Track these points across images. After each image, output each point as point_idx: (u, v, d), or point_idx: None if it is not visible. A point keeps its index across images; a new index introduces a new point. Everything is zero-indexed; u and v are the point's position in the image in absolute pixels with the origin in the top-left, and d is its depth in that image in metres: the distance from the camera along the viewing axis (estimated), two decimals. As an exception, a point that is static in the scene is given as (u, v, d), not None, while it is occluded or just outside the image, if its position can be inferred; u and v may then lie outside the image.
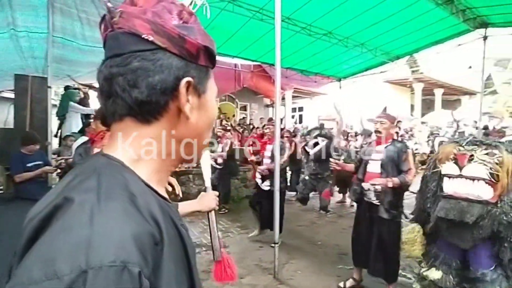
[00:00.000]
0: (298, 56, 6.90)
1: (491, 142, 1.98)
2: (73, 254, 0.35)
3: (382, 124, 2.76)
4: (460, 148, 1.97)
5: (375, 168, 2.73)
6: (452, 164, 1.96)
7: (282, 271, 3.33)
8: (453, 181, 1.95)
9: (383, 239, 2.68)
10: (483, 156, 1.89)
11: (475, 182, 1.88)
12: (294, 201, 6.75)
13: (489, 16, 5.97)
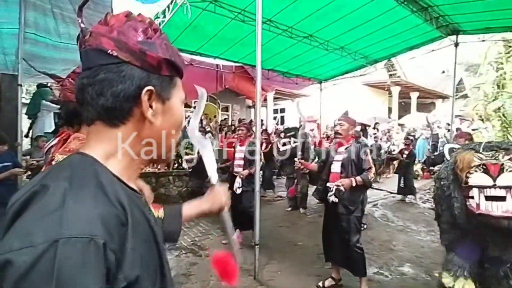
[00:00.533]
0: (279, 58, 6.96)
1: (508, 147, 1.95)
2: (46, 228, 0.42)
3: (341, 126, 2.91)
4: (482, 156, 1.91)
5: (338, 168, 2.85)
6: (482, 175, 1.86)
7: (262, 272, 3.34)
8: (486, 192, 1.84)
9: (345, 234, 2.80)
10: (509, 162, 1.84)
11: (509, 191, 1.81)
12: (274, 201, 6.82)
13: (460, 24, 6.27)
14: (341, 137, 2.94)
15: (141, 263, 0.50)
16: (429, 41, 6.88)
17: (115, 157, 0.57)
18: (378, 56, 7.58)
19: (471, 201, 1.92)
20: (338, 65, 7.64)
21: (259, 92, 3.16)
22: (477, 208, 1.85)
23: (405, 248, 4.23)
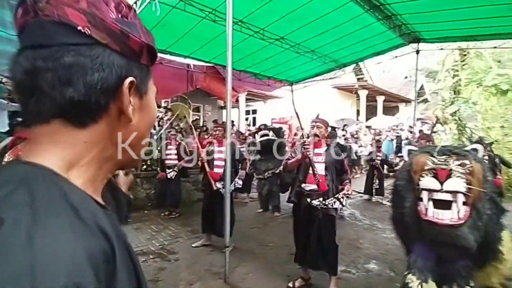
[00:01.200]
0: (251, 59, 6.96)
1: (460, 152, 2.03)
2: (14, 284, 0.29)
3: (318, 128, 2.96)
4: (435, 160, 1.98)
5: (322, 170, 2.89)
6: (431, 179, 1.95)
7: (233, 275, 3.31)
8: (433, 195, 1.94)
9: (321, 234, 2.86)
10: (458, 168, 1.93)
11: (457, 196, 1.90)
12: (246, 203, 6.80)
13: (421, 32, 6.65)
14: (318, 138, 2.99)
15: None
16: (393, 47, 7.22)
17: (79, 166, 0.44)
18: (347, 60, 7.82)
19: (421, 204, 2.01)
20: (308, 68, 7.79)
21: (229, 93, 3.13)
22: (425, 214, 1.95)
23: (371, 245, 4.39)
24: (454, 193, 1.89)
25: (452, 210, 1.89)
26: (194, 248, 4.03)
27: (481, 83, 8.75)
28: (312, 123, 3.04)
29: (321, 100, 14.37)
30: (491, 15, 5.03)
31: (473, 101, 9.61)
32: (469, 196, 1.90)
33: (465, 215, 1.91)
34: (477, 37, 6.31)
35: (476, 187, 1.90)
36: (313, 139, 3.01)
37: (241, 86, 8.77)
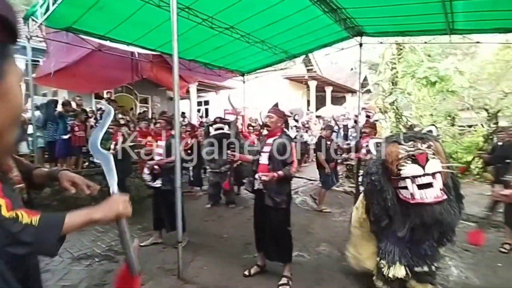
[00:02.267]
0: (201, 49, 6.74)
1: (422, 135, 2.17)
2: None
3: (270, 118, 2.95)
4: (405, 148, 2.08)
5: (265, 159, 2.93)
6: (413, 165, 2.03)
7: (187, 270, 3.24)
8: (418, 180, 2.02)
9: (273, 225, 2.90)
10: (428, 150, 2.05)
11: (436, 176, 2.02)
12: (199, 197, 6.69)
13: (363, 26, 7.02)
14: (270, 129, 2.98)
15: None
16: (339, 40, 7.53)
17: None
18: (296, 52, 7.99)
19: (403, 192, 2.10)
20: (259, 58, 7.80)
21: (176, 83, 2.98)
22: (412, 198, 2.05)
23: (322, 229, 4.63)
24: (434, 174, 2.01)
25: (434, 188, 2.01)
26: (144, 247, 3.85)
27: (414, 75, 9.61)
28: (266, 113, 3.04)
29: (273, 90, 14.59)
30: (421, 12, 5.49)
31: (408, 92, 10.54)
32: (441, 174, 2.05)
33: (442, 192, 2.06)
34: (410, 32, 6.85)
35: (445, 164, 2.07)
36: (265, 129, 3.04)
37: (192, 76, 8.49)
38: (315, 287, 2.96)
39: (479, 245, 1.82)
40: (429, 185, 2.02)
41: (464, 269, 3.31)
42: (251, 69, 8.79)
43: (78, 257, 3.55)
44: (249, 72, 9.01)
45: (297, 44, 7.36)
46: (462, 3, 4.92)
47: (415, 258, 2.31)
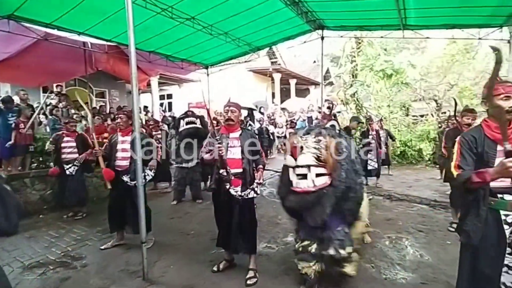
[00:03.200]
0: (161, 40, 6.44)
1: (319, 130, 2.41)
2: None
3: (233, 112, 2.91)
4: (297, 140, 2.32)
5: (238, 154, 2.88)
6: (290, 157, 2.31)
7: (152, 271, 3.12)
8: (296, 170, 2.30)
9: (241, 218, 2.89)
10: (313, 144, 2.29)
11: (310, 169, 2.26)
12: (163, 194, 6.50)
13: (324, 20, 7.18)
14: (233, 123, 2.93)
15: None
16: (301, 33, 7.63)
17: None
18: (260, 44, 7.96)
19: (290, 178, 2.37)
20: (223, 51, 7.67)
21: (134, 76, 2.80)
22: (291, 184, 2.34)
23: (289, 220, 4.69)
24: (307, 167, 2.25)
25: (308, 179, 2.27)
26: (105, 250, 3.65)
27: (372, 68, 10.08)
28: (226, 107, 2.97)
29: (238, 83, 14.50)
30: (377, 8, 5.73)
31: (367, 84, 11.06)
32: (325, 168, 2.28)
33: (323, 184, 2.28)
34: (368, 27, 7.14)
35: (329, 159, 2.28)
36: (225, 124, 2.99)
37: (152, 69, 8.11)
38: (284, 277, 3.01)
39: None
40: (304, 176, 2.28)
41: (418, 248, 3.57)
42: (215, 61, 8.63)
43: (30, 266, 3.27)
44: (213, 65, 8.84)
45: (260, 37, 7.34)
46: (413, 0, 5.20)
47: (325, 241, 2.49)
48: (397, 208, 5.19)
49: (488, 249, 1.81)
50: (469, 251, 1.93)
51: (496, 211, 1.80)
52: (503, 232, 1.78)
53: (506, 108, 1.76)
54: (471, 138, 1.89)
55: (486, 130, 1.86)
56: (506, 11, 5.13)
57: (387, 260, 3.27)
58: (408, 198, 5.70)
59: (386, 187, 6.80)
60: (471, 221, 1.85)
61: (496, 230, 1.79)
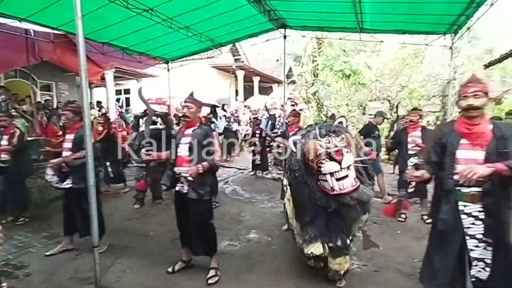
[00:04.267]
0: (117, 31, 6.06)
1: (335, 129, 2.38)
2: None
3: (189, 109, 2.82)
4: (322, 144, 2.29)
5: (185, 151, 2.79)
6: (331, 163, 2.24)
7: (106, 276, 2.93)
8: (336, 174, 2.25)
9: (197, 218, 2.81)
10: (341, 143, 2.28)
11: (350, 168, 2.28)
12: (122, 194, 6.17)
13: (286, 19, 7.28)
14: (189, 119, 2.83)
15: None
16: (264, 31, 7.66)
17: None
18: (223, 40, 7.85)
19: (325, 184, 2.33)
20: (184, 45, 7.44)
21: (83, 68, 2.58)
22: (332, 190, 2.29)
23: (252, 217, 4.72)
24: (348, 167, 2.27)
25: (349, 177, 2.28)
26: (52, 256, 3.35)
27: (332, 68, 10.45)
28: (183, 103, 2.88)
29: (200, 79, 14.21)
30: (337, 11, 5.93)
31: (327, 83, 11.45)
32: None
33: (356, 179, 2.33)
34: (328, 28, 7.38)
35: (355, 152, 2.36)
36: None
37: (107, 61, 7.60)
38: (246, 274, 3.00)
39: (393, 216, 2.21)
40: (345, 177, 2.28)
41: (373, 239, 3.77)
42: (176, 56, 8.34)
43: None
44: (174, 60, 8.55)
45: (223, 33, 7.23)
46: (369, 5, 5.47)
47: (332, 234, 2.54)
48: (354, 202, 5.44)
49: (448, 236, 1.99)
50: (437, 238, 2.09)
51: (455, 202, 1.96)
52: (461, 221, 1.94)
53: (464, 106, 1.94)
54: (438, 131, 2.14)
55: (456, 124, 2.03)
56: (449, 20, 5.61)
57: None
58: (364, 192, 5.99)
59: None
60: (444, 209, 1.99)
61: (455, 219, 1.95)
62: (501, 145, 1.85)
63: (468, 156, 1.91)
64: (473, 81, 1.96)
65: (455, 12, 5.21)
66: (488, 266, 1.89)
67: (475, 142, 1.90)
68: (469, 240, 1.92)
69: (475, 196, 1.89)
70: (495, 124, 1.95)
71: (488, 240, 1.89)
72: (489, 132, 1.89)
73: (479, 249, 1.91)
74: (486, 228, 1.88)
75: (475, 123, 1.91)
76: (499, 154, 1.83)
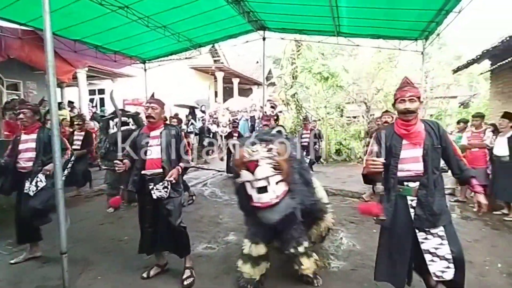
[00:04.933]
0: (90, 28, 5.84)
1: (267, 138, 2.32)
2: None
3: (154, 109, 2.75)
4: (248, 151, 2.21)
5: (157, 153, 2.72)
6: (246, 172, 2.19)
7: (75, 284, 2.79)
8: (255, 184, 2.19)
9: (169, 218, 2.74)
10: (266, 153, 2.21)
11: (269, 180, 2.19)
12: (94, 197, 5.94)
13: (266, 21, 7.33)
14: (154, 120, 2.76)
15: None
16: (243, 32, 7.67)
17: None
18: (202, 41, 7.79)
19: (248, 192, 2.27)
20: (161, 45, 7.30)
21: (51, 64, 2.45)
22: (251, 200, 2.25)
23: (230, 219, 4.67)
24: (266, 178, 2.19)
25: (269, 192, 2.19)
26: (18, 264, 3.15)
27: (311, 70, 10.62)
28: (146, 103, 2.81)
29: (179, 80, 13.98)
30: (315, 14, 6.04)
31: (306, 85, 11.63)
32: (281, 175, 2.25)
33: (283, 191, 2.26)
34: (307, 31, 7.50)
35: (283, 165, 2.25)
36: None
37: (79, 60, 7.32)
38: (224, 276, 2.95)
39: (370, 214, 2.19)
40: (264, 188, 2.21)
41: (350, 238, 3.84)
42: (153, 56, 8.18)
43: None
44: (151, 60, 8.38)
45: (202, 33, 7.17)
46: (345, 9, 5.61)
47: (281, 242, 2.58)
48: (332, 203, 5.45)
49: (399, 230, 2.10)
50: (386, 233, 2.21)
51: (404, 197, 2.09)
52: (410, 215, 2.06)
53: (401, 109, 2.05)
54: (381, 134, 2.18)
55: (396, 127, 2.14)
56: (420, 26, 5.86)
57: (322, 251, 3.44)
58: (342, 192, 6.11)
59: (323, 183, 7.20)
60: (384, 206, 2.11)
61: (405, 213, 2.08)
62: (435, 141, 2.04)
63: (410, 155, 2.05)
64: (408, 85, 2.08)
65: (426, 19, 5.45)
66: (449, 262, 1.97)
67: (414, 141, 2.05)
68: (418, 233, 2.05)
69: (416, 190, 2.03)
70: (425, 122, 2.12)
71: (433, 231, 2.01)
72: (423, 131, 2.05)
73: (428, 241, 2.02)
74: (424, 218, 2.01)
75: (411, 123, 2.06)
76: (434, 149, 2.02)
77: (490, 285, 2.75)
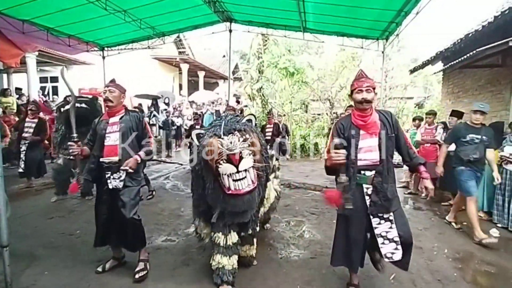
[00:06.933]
0: (40, 8, 5.34)
1: (241, 127, 2.23)
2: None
3: (111, 92, 2.62)
4: (223, 143, 2.11)
5: (115, 140, 2.59)
6: (228, 165, 2.10)
7: (19, 280, 2.56)
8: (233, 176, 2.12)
9: (122, 209, 2.59)
10: (243, 144, 2.15)
11: (249, 170, 2.16)
12: (44, 190, 5.52)
13: (233, 13, 7.24)
14: (112, 104, 2.62)
15: None
16: (209, 23, 7.52)
17: None
18: (165, 29, 7.51)
19: (222, 182, 2.21)
20: (121, 31, 6.92)
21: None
22: (228, 189, 2.19)
23: (191, 211, 4.57)
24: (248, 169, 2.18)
25: (247, 179, 2.19)
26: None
27: (277, 65, 10.71)
28: (104, 87, 2.67)
29: (141, 71, 13.39)
30: (282, 8, 6.08)
31: (272, 81, 11.72)
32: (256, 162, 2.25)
33: (255, 177, 2.27)
34: (273, 25, 7.54)
35: (258, 156, 2.26)
36: None
37: (28, 43, 6.68)
38: (183, 268, 2.89)
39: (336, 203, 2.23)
40: (243, 178, 2.19)
41: (311, 229, 3.94)
42: (112, 42, 7.73)
43: None
44: (110, 46, 7.92)
45: (165, 21, 6.92)
46: (311, 5, 5.71)
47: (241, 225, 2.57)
48: (295, 195, 5.64)
49: (355, 217, 2.19)
50: (343, 220, 2.29)
51: (360, 185, 2.17)
52: (365, 202, 2.16)
53: (359, 99, 2.11)
54: (340, 125, 2.23)
55: (353, 118, 2.21)
56: (381, 26, 6.15)
57: (284, 242, 3.50)
58: (304, 186, 6.26)
59: (287, 177, 7.34)
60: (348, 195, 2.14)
61: (360, 201, 2.17)
62: (389, 130, 2.13)
63: (366, 144, 2.14)
64: (364, 77, 2.16)
65: (387, 19, 5.73)
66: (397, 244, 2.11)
67: (370, 131, 2.13)
68: (373, 218, 2.17)
69: (371, 178, 2.13)
70: (379, 112, 2.22)
71: (385, 216, 2.15)
72: (378, 121, 2.14)
73: (380, 225, 2.16)
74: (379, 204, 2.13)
75: (367, 114, 2.14)
76: (388, 138, 2.12)
77: (438, 268, 2.97)
